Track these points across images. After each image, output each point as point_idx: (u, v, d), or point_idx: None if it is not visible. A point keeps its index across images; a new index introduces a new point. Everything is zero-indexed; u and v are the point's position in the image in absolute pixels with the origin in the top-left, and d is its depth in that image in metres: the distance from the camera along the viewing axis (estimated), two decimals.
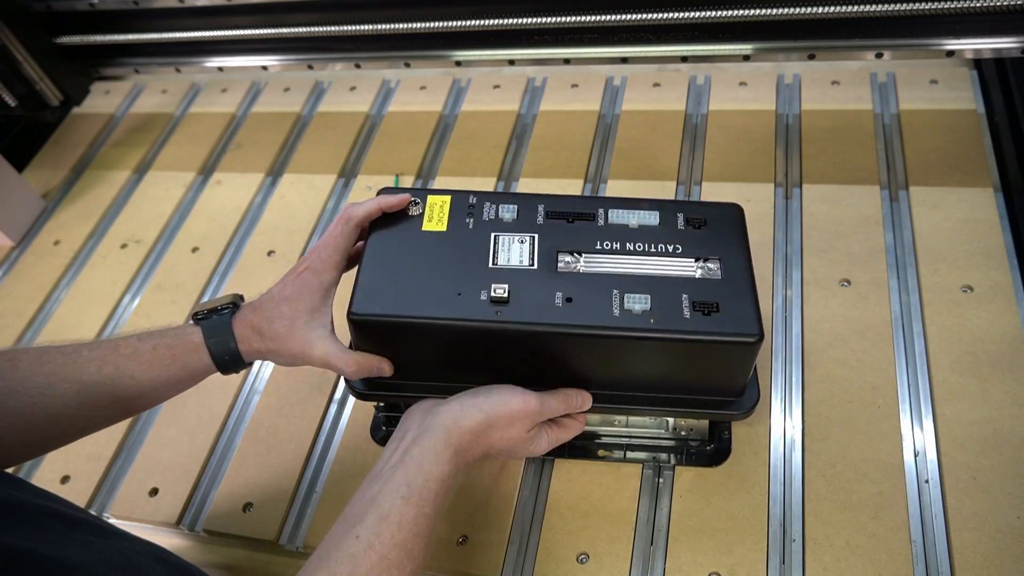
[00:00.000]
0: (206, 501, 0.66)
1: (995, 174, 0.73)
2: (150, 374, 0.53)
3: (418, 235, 0.54)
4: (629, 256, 0.52)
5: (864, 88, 0.83)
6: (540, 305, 0.50)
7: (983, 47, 0.79)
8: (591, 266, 0.52)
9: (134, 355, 0.53)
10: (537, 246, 0.53)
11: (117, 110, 1.09)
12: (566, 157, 0.84)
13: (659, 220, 0.54)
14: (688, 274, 0.51)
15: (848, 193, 0.74)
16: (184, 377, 0.54)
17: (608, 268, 0.52)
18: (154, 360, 0.53)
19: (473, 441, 0.50)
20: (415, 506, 0.46)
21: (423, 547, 0.46)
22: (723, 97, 0.86)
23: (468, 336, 0.51)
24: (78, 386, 0.51)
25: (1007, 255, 0.66)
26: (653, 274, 0.52)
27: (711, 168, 0.80)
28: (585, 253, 0.53)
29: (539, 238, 0.54)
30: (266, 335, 0.53)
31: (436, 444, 0.49)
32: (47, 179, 1.01)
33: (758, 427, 0.61)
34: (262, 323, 0.53)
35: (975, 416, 0.58)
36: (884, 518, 0.55)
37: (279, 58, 1.03)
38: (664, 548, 0.56)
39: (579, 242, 0.53)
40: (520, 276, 0.52)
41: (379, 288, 0.52)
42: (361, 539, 0.44)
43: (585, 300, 0.50)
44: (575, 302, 0.50)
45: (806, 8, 0.78)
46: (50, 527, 0.39)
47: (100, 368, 0.52)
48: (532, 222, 0.55)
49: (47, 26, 1.05)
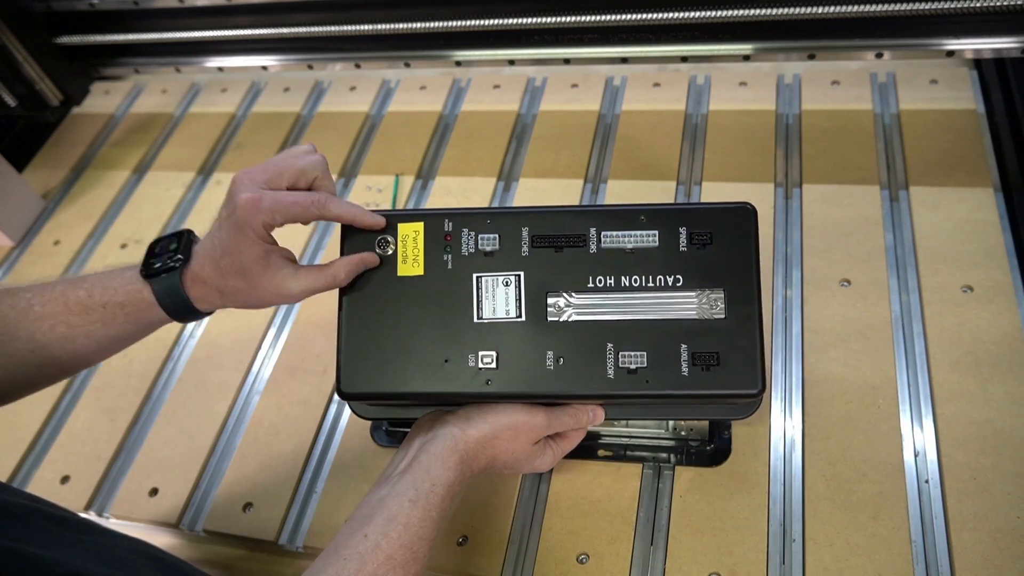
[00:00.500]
0: (206, 501, 0.66)
1: (995, 174, 0.73)
2: (104, 332, 0.52)
3: (394, 283, 0.51)
4: (624, 294, 0.49)
5: (864, 88, 0.83)
6: (530, 369, 0.49)
7: (983, 47, 0.79)
8: (583, 312, 0.49)
9: (85, 312, 0.51)
10: (523, 288, 0.50)
11: (117, 110, 1.09)
12: (566, 157, 0.84)
13: (658, 240, 0.49)
14: (688, 315, 0.48)
15: (848, 193, 0.74)
16: (138, 332, 0.54)
17: (601, 314, 0.49)
18: (106, 319, 0.51)
19: (478, 450, 0.50)
20: (421, 509, 0.46)
21: (427, 549, 0.47)
22: (723, 97, 0.86)
23: (461, 401, 0.52)
24: (32, 345, 0.50)
25: (1007, 255, 0.66)
26: (650, 319, 0.48)
27: (711, 168, 0.79)
28: (576, 292, 0.49)
29: (525, 277, 0.50)
30: (227, 293, 0.51)
31: (443, 451, 0.49)
32: (47, 179, 1.01)
33: (758, 427, 0.61)
34: (217, 281, 0.50)
35: (975, 416, 0.58)
36: (884, 518, 0.55)
37: (279, 58, 1.03)
38: (664, 548, 0.56)
39: (569, 279, 0.49)
40: (508, 333, 0.49)
41: (363, 360, 0.50)
42: (369, 538, 0.45)
43: (577, 359, 0.48)
44: (566, 363, 0.48)
45: (806, 8, 0.78)
46: (39, 525, 0.39)
47: (53, 327, 0.51)
48: (516, 253, 0.50)
49: (47, 26, 1.05)
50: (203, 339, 0.78)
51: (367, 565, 0.44)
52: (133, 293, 0.51)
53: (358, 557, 0.44)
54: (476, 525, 0.59)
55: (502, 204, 0.83)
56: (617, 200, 0.79)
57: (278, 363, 0.74)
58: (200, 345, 0.78)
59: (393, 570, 0.44)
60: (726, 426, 0.60)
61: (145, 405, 0.74)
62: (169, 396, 0.74)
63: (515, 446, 0.51)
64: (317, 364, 0.73)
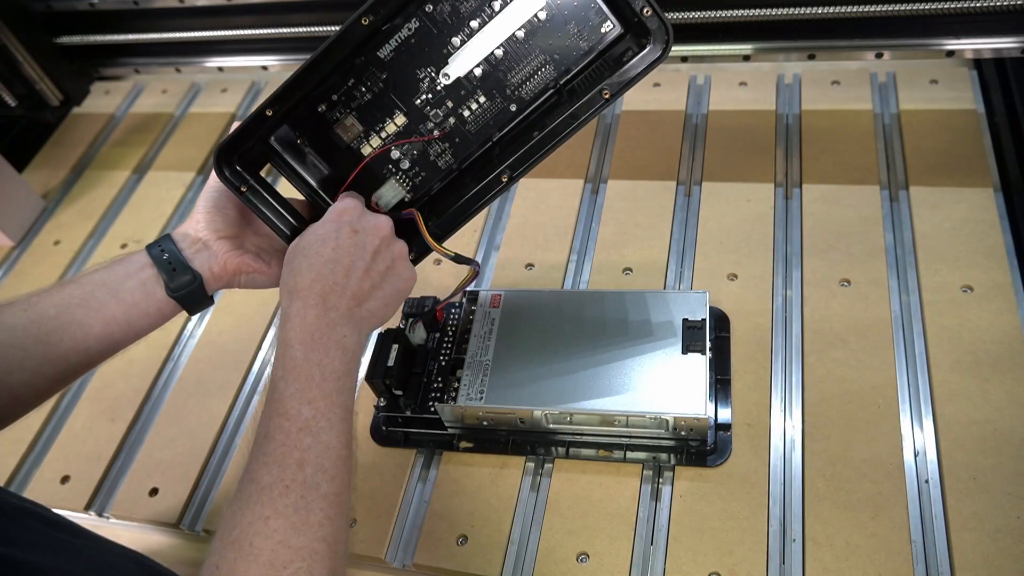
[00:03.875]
0: (206, 501, 0.66)
1: (995, 174, 0.73)
2: (129, 338, 0.53)
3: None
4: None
5: (864, 88, 0.83)
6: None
7: (983, 47, 0.79)
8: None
9: (110, 322, 0.51)
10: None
11: (117, 110, 1.09)
12: (566, 157, 0.84)
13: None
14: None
15: (848, 193, 0.74)
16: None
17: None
18: (130, 331, 0.53)
19: (308, 290, 0.46)
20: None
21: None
22: (723, 97, 0.86)
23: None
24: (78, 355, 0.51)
25: (1007, 255, 0.66)
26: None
27: (711, 168, 0.80)
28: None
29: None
30: (244, 284, 0.54)
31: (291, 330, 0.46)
32: (47, 179, 1.01)
33: (758, 427, 0.61)
34: (231, 281, 0.54)
35: (975, 416, 0.58)
36: (884, 518, 0.55)
37: (279, 58, 1.03)
38: (664, 548, 0.56)
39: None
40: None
41: None
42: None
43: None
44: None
45: (806, 8, 0.78)
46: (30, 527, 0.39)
47: (86, 337, 0.51)
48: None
49: (47, 26, 1.05)
50: (203, 339, 0.78)
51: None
52: (162, 308, 0.53)
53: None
54: (476, 525, 0.59)
55: (502, 204, 0.83)
56: (617, 199, 0.79)
57: None
58: (200, 345, 0.78)
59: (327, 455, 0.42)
60: (726, 426, 0.61)
61: (145, 405, 0.74)
62: (169, 396, 0.74)
63: (335, 253, 0.47)
64: None
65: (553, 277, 0.74)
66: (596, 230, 0.77)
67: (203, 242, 0.53)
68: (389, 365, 0.62)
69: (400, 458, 0.65)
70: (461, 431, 0.63)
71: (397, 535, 0.61)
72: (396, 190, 0.56)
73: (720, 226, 0.74)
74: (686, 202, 0.78)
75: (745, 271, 0.70)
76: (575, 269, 0.75)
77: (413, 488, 0.63)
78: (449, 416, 0.62)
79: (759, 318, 0.67)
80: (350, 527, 0.61)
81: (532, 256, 0.76)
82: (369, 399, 0.65)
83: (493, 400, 0.59)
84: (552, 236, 0.77)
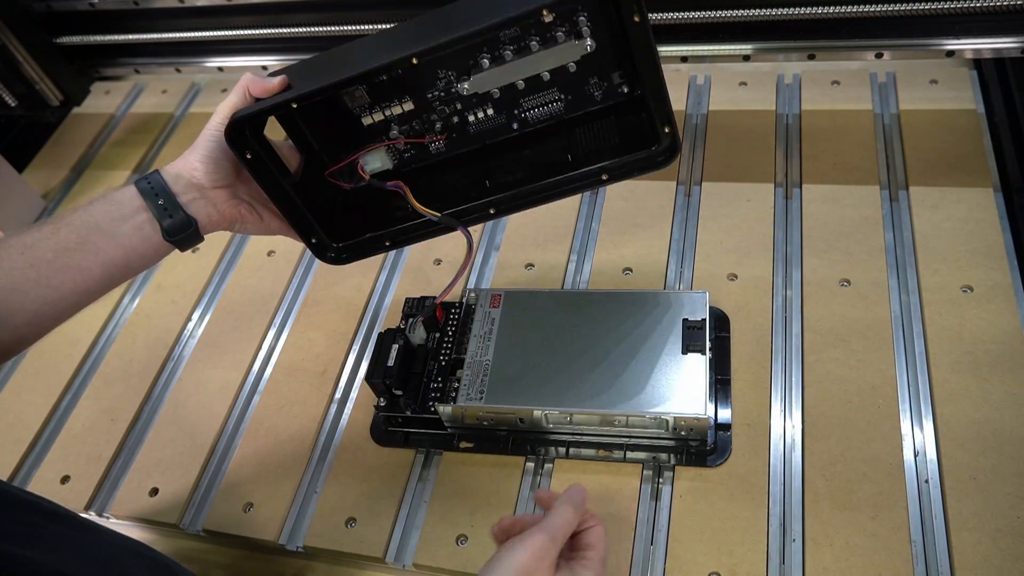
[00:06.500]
0: (206, 501, 0.66)
1: (995, 174, 0.73)
2: (127, 277, 0.55)
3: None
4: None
5: (864, 88, 0.83)
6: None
7: (983, 47, 0.79)
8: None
9: (109, 265, 0.53)
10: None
11: (117, 110, 1.09)
12: None
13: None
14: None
15: (848, 193, 0.74)
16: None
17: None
18: (128, 271, 0.55)
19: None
20: None
21: None
22: (723, 97, 0.86)
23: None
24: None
25: (1007, 255, 0.66)
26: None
27: (711, 168, 0.79)
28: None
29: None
30: (236, 230, 0.58)
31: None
32: (47, 179, 1.01)
33: (758, 427, 0.61)
34: (228, 226, 0.57)
35: (975, 416, 0.58)
36: (884, 518, 0.55)
37: (279, 58, 1.03)
38: (664, 548, 0.56)
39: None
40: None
41: None
42: None
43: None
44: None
45: (806, 8, 0.78)
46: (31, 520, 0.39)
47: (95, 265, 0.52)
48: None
49: (47, 26, 1.05)
50: (203, 339, 0.78)
51: None
52: (157, 247, 0.55)
53: None
54: (476, 525, 0.59)
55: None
56: (617, 199, 0.79)
57: (278, 363, 0.74)
58: (200, 345, 0.78)
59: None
60: (726, 426, 0.61)
61: (145, 405, 0.74)
62: (169, 396, 0.74)
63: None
64: (317, 364, 0.73)
65: (553, 277, 0.74)
66: (596, 230, 0.77)
67: (199, 188, 0.54)
68: (389, 365, 0.62)
69: (400, 458, 0.65)
70: (461, 431, 0.63)
71: (397, 535, 0.61)
72: (383, 159, 0.58)
73: (720, 226, 0.74)
74: (686, 202, 0.78)
75: (745, 271, 0.70)
76: (575, 269, 0.75)
77: (413, 488, 0.63)
78: (449, 416, 0.62)
79: (759, 318, 0.67)
80: (350, 527, 0.61)
81: (532, 256, 0.76)
82: (369, 399, 0.65)
83: (493, 400, 0.59)
84: (552, 236, 0.77)
